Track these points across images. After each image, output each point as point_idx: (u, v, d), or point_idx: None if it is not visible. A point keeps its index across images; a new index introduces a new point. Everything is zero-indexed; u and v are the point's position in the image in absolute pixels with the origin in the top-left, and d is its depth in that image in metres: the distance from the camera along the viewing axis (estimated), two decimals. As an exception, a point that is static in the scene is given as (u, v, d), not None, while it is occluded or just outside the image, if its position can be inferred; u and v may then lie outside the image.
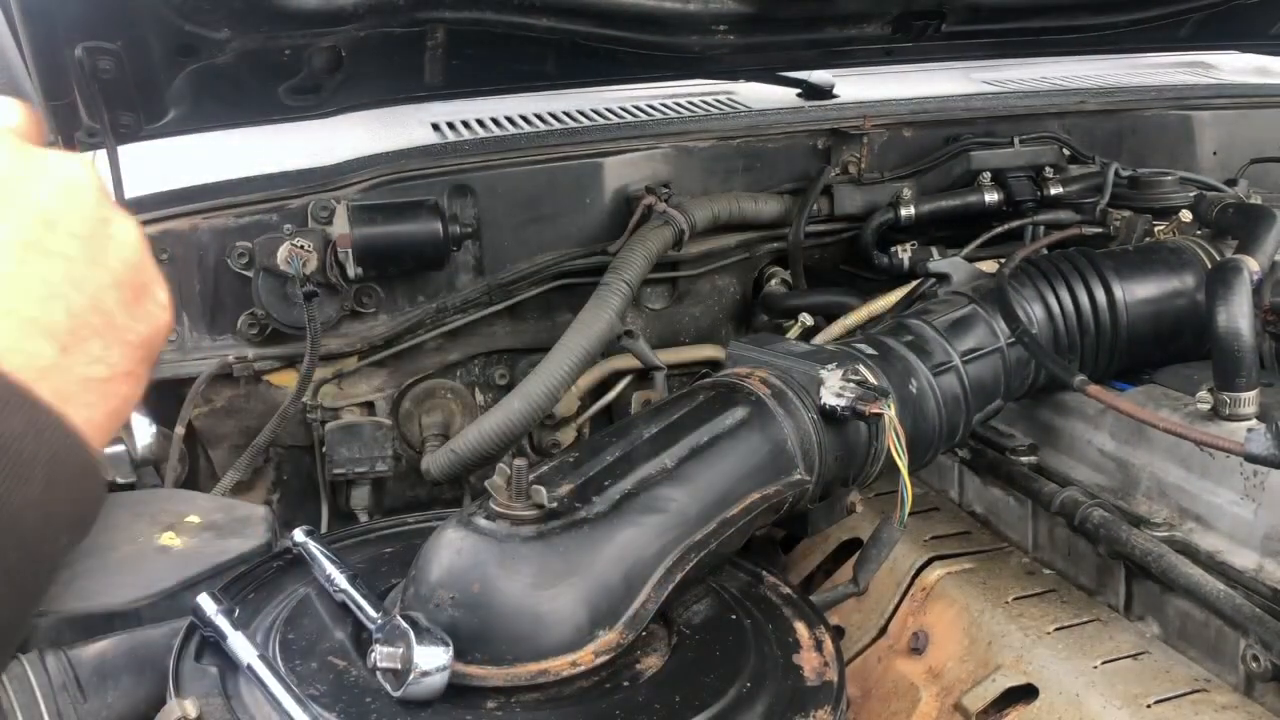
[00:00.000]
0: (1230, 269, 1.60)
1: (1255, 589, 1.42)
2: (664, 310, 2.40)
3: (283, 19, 1.67)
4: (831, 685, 1.24)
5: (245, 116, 2.04)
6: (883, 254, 2.30)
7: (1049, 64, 3.19)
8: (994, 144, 2.51)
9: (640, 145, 2.36)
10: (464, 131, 2.50)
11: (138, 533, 1.56)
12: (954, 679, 1.58)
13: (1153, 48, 3.01)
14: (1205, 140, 2.68)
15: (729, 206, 2.33)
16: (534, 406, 1.94)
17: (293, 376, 2.12)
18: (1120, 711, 1.40)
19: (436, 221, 2.08)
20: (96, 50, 1.63)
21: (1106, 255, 1.89)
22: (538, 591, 1.17)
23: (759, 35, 2.13)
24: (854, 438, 1.52)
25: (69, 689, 1.20)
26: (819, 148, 2.47)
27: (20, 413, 0.61)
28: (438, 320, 2.22)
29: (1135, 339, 1.82)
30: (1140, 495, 1.66)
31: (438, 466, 2.02)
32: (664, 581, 1.24)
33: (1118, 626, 1.58)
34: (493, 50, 2.03)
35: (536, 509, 1.20)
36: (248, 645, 1.16)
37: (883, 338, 1.68)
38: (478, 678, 1.15)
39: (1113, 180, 2.31)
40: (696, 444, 1.37)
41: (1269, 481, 1.47)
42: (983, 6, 2.20)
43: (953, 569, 1.74)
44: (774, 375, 1.50)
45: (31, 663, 1.20)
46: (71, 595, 1.39)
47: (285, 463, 2.23)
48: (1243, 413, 1.55)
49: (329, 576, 1.29)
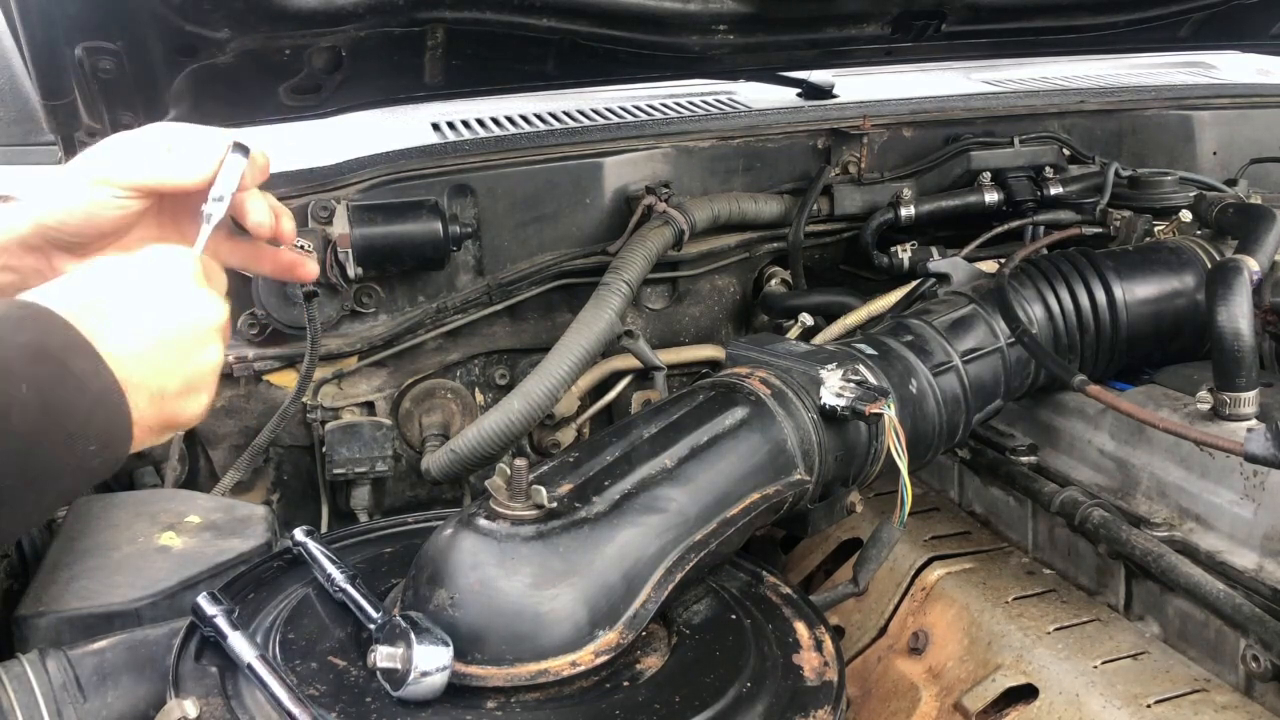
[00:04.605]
0: (1230, 269, 1.60)
1: (1255, 589, 1.42)
2: (664, 310, 2.40)
3: (283, 19, 1.67)
4: (831, 685, 1.24)
5: (245, 116, 2.03)
6: (883, 254, 2.30)
7: (1049, 64, 3.20)
8: (994, 144, 2.51)
9: (640, 145, 2.36)
10: (464, 131, 2.51)
11: (138, 533, 1.56)
12: (954, 679, 1.58)
13: (1153, 48, 3.01)
14: (1205, 140, 2.68)
15: (729, 206, 2.33)
16: (534, 406, 1.94)
17: (293, 376, 2.12)
18: (1120, 711, 1.40)
19: (436, 221, 2.08)
20: (96, 50, 1.63)
21: (1106, 255, 1.89)
22: (538, 591, 1.17)
23: (759, 35, 2.13)
24: (854, 438, 1.52)
25: (69, 689, 1.20)
26: (819, 148, 2.47)
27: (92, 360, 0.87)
28: (438, 320, 2.22)
29: (1135, 339, 1.82)
30: (1140, 495, 1.66)
31: (438, 466, 2.02)
32: (664, 581, 1.24)
33: (1118, 626, 1.58)
34: (493, 50, 2.03)
35: (536, 509, 1.20)
36: (248, 645, 1.16)
37: (883, 338, 1.69)
38: (478, 678, 1.15)
39: (1113, 180, 2.31)
40: (696, 444, 1.37)
41: (1269, 481, 1.47)
42: (983, 6, 2.20)
43: (953, 569, 1.74)
44: (774, 375, 1.50)
45: (31, 663, 1.20)
46: (71, 595, 1.40)
47: (285, 463, 2.23)
48: (1243, 413, 1.55)
49: (329, 576, 1.29)
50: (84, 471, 0.88)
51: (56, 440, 0.83)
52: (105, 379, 0.88)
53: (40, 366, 0.83)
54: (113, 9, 1.59)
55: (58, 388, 0.83)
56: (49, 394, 0.82)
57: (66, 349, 0.87)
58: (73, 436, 0.84)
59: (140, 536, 1.55)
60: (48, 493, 0.86)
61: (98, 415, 0.87)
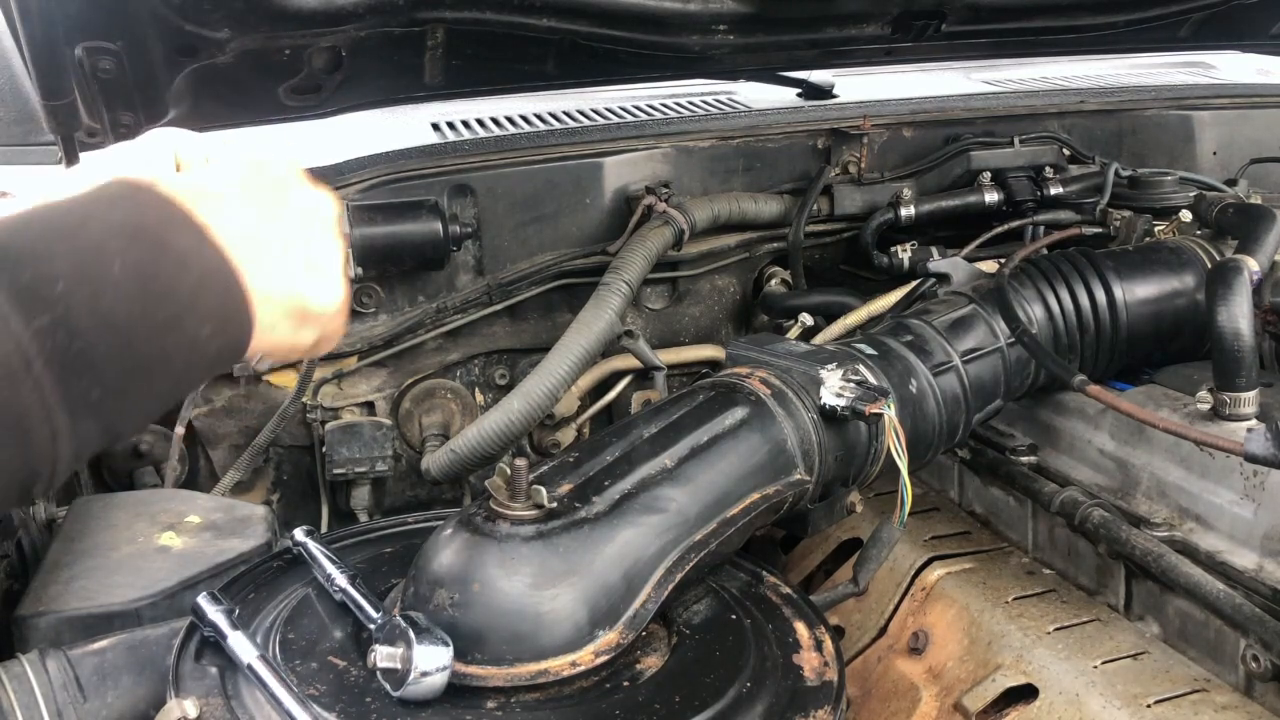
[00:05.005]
0: (1230, 269, 1.60)
1: (1255, 589, 1.42)
2: (664, 310, 2.40)
3: (283, 19, 1.67)
4: (831, 685, 1.24)
5: (245, 116, 2.03)
6: (883, 254, 2.30)
7: (1049, 64, 3.19)
8: (994, 144, 2.51)
9: (640, 145, 2.36)
10: (464, 131, 2.51)
11: (138, 533, 1.56)
12: (954, 679, 1.58)
13: (1153, 48, 3.01)
14: (1205, 140, 2.68)
15: (729, 206, 2.33)
16: (534, 406, 1.94)
17: (293, 376, 2.12)
18: (1120, 711, 1.40)
19: (436, 221, 2.08)
20: (96, 50, 1.63)
21: (1106, 255, 1.89)
22: (538, 591, 1.17)
23: (759, 35, 2.13)
24: (854, 438, 1.52)
25: (69, 689, 1.20)
26: (819, 148, 2.47)
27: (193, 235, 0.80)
28: (438, 320, 2.22)
29: (1135, 339, 1.82)
30: (1140, 495, 1.66)
31: (438, 466, 2.02)
32: (664, 581, 1.24)
33: (1118, 626, 1.58)
34: (493, 50, 2.03)
35: (536, 509, 1.20)
36: (248, 645, 1.16)
37: (883, 338, 1.68)
38: (478, 678, 1.15)
39: (1113, 180, 2.31)
40: (696, 444, 1.37)
41: (1269, 481, 1.47)
42: (983, 6, 2.20)
43: (953, 569, 1.74)
44: (774, 375, 1.50)
45: (31, 663, 1.20)
46: (71, 595, 1.40)
47: (285, 463, 2.23)
48: (1243, 413, 1.55)
49: (329, 576, 1.29)
50: (201, 358, 0.80)
51: (161, 323, 0.76)
52: (210, 255, 0.80)
53: (136, 244, 0.77)
54: (113, 9, 1.59)
55: (156, 266, 0.77)
56: (146, 273, 0.76)
57: (165, 224, 0.80)
58: (179, 319, 0.77)
59: (140, 536, 1.55)
60: (160, 381, 0.79)
61: (206, 295, 0.79)
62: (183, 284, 0.78)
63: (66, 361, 0.70)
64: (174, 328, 0.77)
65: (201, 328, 0.79)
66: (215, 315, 0.80)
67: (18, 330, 0.68)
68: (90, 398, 0.72)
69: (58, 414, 0.70)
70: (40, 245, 0.73)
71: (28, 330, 0.68)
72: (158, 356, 0.77)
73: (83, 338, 0.71)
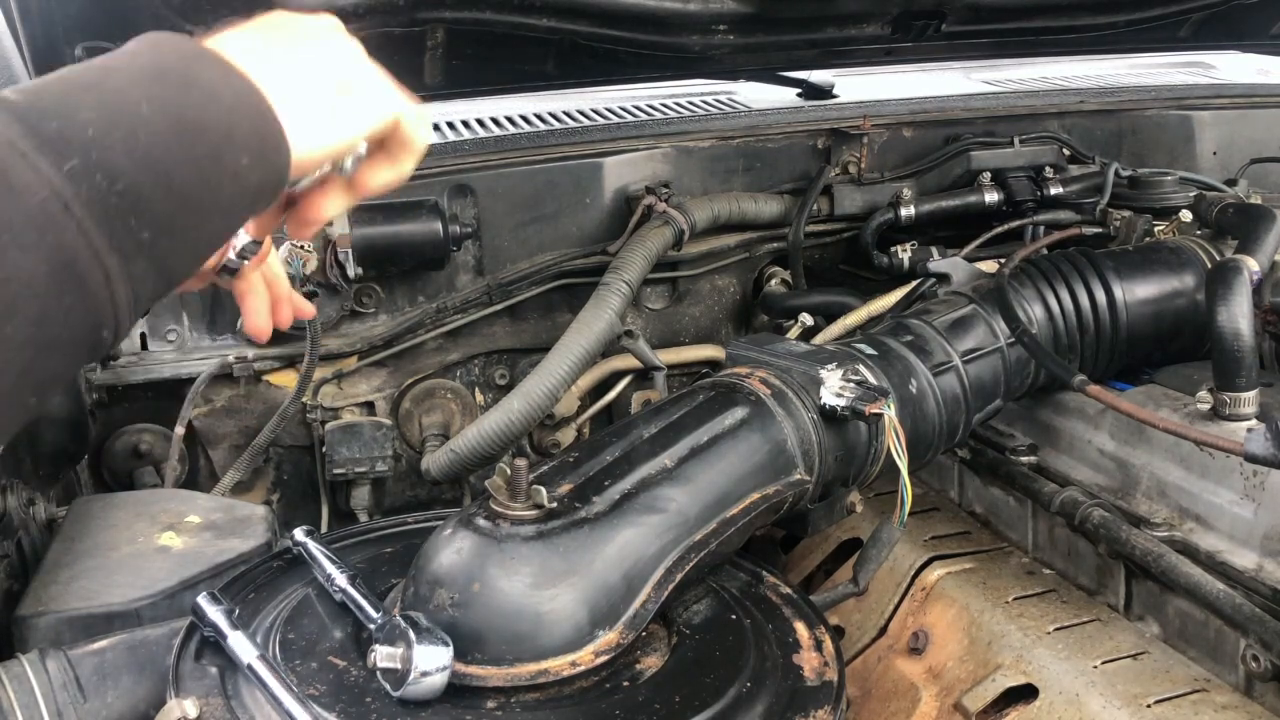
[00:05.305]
0: (1230, 269, 1.60)
1: (1255, 589, 1.42)
2: (664, 310, 2.40)
3: (282, 19, 1.67)
4: (831, 685, 1.24)
5: (245, 116, 2.03)
6: (883, 254, 2.30)
7: (1049, 64, 3.20)
8: (994, 144, 2.51)
9: (640, 145, 2.36)
10: (464, 131, 2.51)
11: (138, 533, 1.56)
12: (954, 679, 1.58)
13: (1153, 48, 3.01)
14: (1205, 140, 2.68)
15: (729, 206, 2.33)
16: (534, 406, 1.94)
17: (293, 376, 2.12)
18: (1120, 711, 1.40)
19: (436, 221, 2.08)
20: (96, 50, 1.61)
21: (1106, 255, 1.89)
22: (538, 591, 1.17)
23: (759, 35, 2.13)
24: (854, 438, 1.52)
25: (69, 689, 1.20)
26: (819, 148, 2.47)
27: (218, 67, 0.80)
28: (438, 320, 2.22)
29: (1135, 339, 1.82)
30: (1140, 495, 1.66)
31: (438, 466, 2.02)
32: (664, 581, 1.24)
33: (1118, 626, 1.58)
34: (493, 50, 2.03)
35: (536, 509, 1.20)
36: (248, 645, 1.16)
37: (883, 338, 1.68)
38: (478, 678, 1.15)
39: (1113, 180, 2.31)
40: (696, 444, 1.37)
41: (1269, 481, 1.47)
42: (983, 6, 2.20)
43: (953, 569, 1.74)
44: (774, 375, 1.50)
45: (31, 663, 1.20)
46: (71, 595, 1.40)
47: (285, 463, 2.23)
48: (1243, 413, 1.55)
49: (329, 576, 1.29)
50: (244, 190, 0.79)
51: (199, 157, 0.75)
52: (238, 83, 0.79)
53: (161, 83, 0.76)
54: (113, 9, 1.59)
55: (185, 102, 0.76)
56: (177, 110, 0.75)
57: (187, 59, 0.79)
58: (217, 150, 0.76)
59: (140, 536, 1.55)
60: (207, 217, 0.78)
61: (239, 123, 0.78)
62: (215, 116, 0.77)
63: (109, 203, 0.69)
64: (214, 159, 0.76)
65: (240, 157, 0.78)
66: (252, 143, 0.79)
67: (49, 174, 0.67)
68: (139, 238, 0.71)
69: (107, 255, 0.69)
70: (64, 98, 0.72)
71: (60, 174, 0.67)
72: (202, 191, 0.76)
73: (123, 178, 0.70)
